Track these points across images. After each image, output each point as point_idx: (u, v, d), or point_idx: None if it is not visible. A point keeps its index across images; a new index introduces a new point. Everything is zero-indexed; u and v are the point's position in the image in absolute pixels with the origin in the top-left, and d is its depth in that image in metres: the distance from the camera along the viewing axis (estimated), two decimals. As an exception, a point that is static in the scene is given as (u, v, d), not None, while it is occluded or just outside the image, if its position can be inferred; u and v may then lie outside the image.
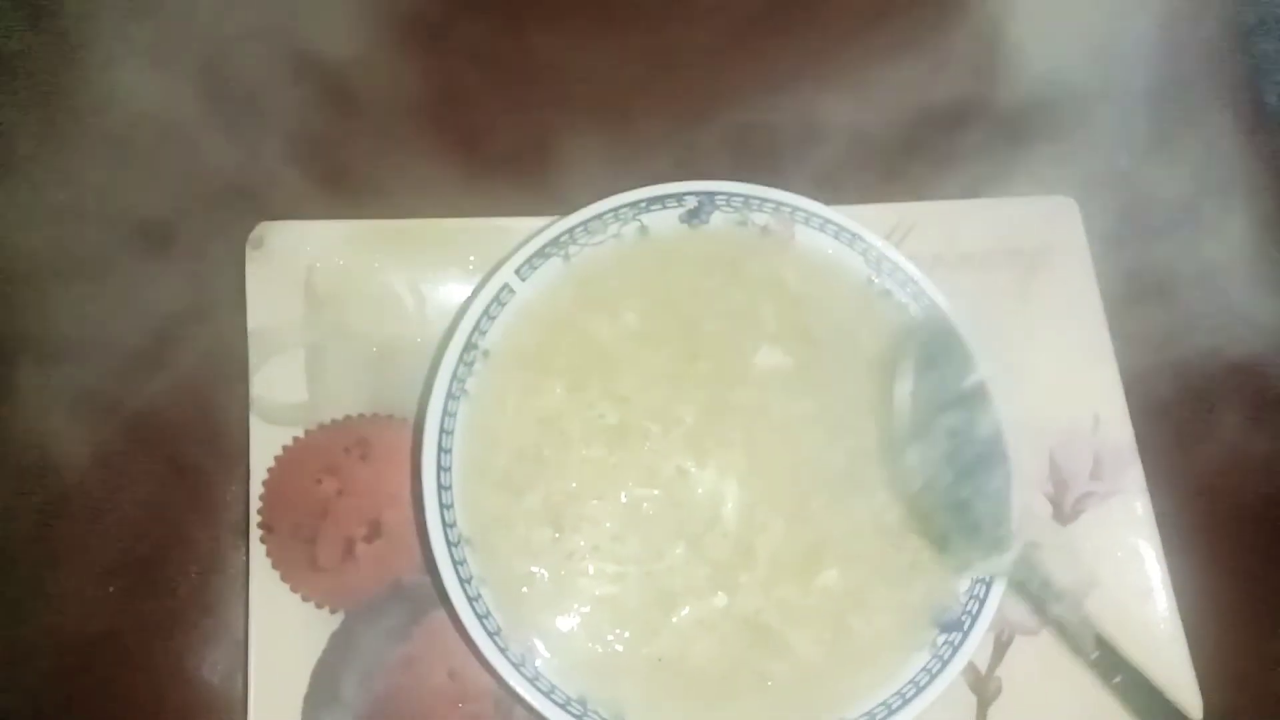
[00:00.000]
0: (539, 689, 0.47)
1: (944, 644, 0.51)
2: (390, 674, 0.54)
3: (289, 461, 0.56)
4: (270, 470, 0.55)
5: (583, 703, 0.48)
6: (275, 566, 0.54)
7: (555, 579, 0.50)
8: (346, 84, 0.63)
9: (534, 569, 0.50)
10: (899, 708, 0.49)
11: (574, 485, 0.51)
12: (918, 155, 0.63)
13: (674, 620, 0.50)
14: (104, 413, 0.57)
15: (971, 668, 0.56)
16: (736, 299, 0.55)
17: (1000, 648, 0.57)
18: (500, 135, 0.63)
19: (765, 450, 0.53)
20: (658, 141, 0.61)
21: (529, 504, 0.51)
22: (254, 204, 0.59)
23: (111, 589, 0.55)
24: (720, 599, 0.50)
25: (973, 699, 0.56)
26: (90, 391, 0.57)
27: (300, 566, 0.54)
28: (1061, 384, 0.61)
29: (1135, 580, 0.59)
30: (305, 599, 0.54)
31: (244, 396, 0.56)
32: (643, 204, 0.56)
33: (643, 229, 0.56)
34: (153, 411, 0.57)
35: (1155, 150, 0.67)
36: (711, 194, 0.56)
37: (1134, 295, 0.63)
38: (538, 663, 0.48)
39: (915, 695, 0.49)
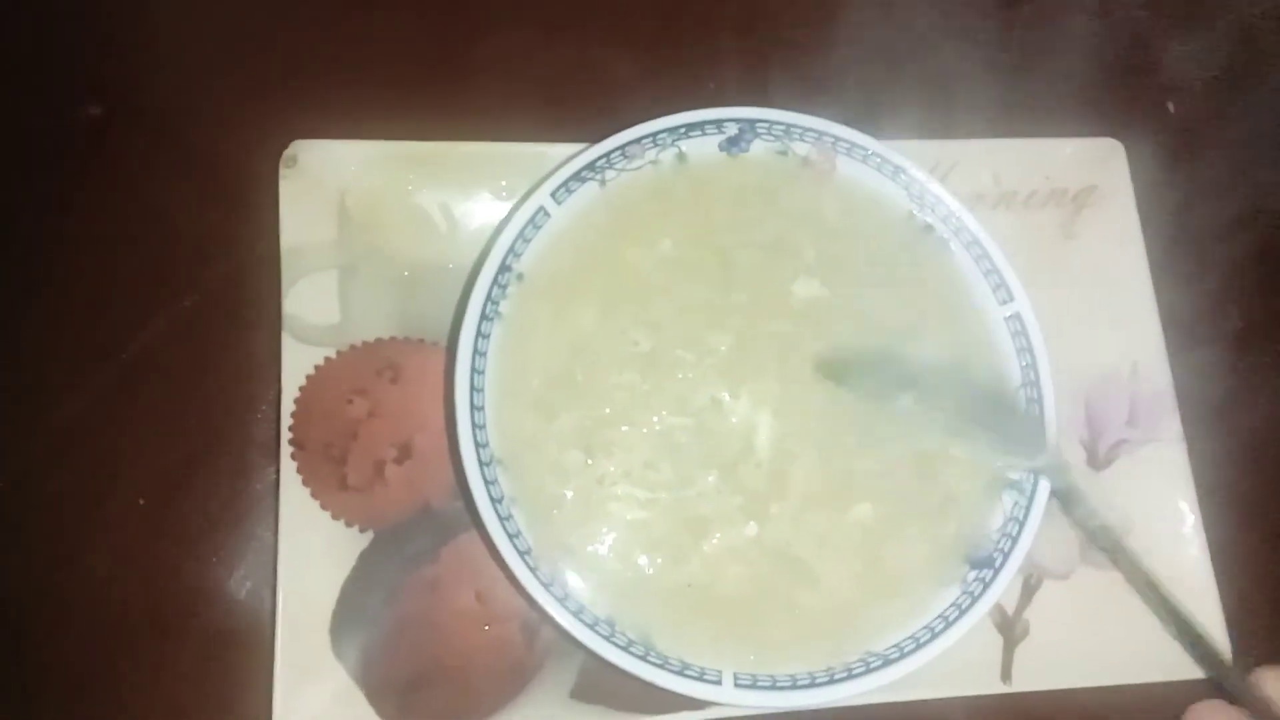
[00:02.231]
0: (567, 608, 0.47)
1: (974, 580, 0.51)
2: (417, 594, 0.54)
3: (320, 381, 0.56)
4: (302, 389, 0.55)
5: (610, 623, 0.48)
6: (305, 484, 0.54)
7: (585, 502, 0.50)
8: (381, 5, 0.62)
9: (564, 491, 0.50)
10: (927, 641, 0.49)
11: (607, 410, 0.51)
12: (964, 91, 0.62)
13: (704, 547, 0.49)
14: (134, 327, 0.57)
15: (999, 609, 0.56)
16: (774, 229, 0.54)
17: (1029, 590, 0.57)
18: (538, 59, 0.62)
19: (800, 381, 0.52)
20: (698, 68, 0.60)
21: (561, 427, 0.50)
22: (288, 121, 0.58)
23: (142, 501, 0.55)
24: (751, 528, 0.50)
25: (999, 639, 0.55)
26: (122, 305, 0.57)
27: (330, 485, 0.55)
28: (1100, 329, 0.61)
29: (1168, 527, 0.58)
30: (335, 517, 0.54)
31: (277, 316, 0.56)
32: (681, 129, 0.54)
33: (681, 155, 0.55)
34: (185, 327, 0.57)
35: (1205, 95, 0.65)
36: (753, 121, 0.55)
37: (1179, 242, 0.62)
38: (567, 583, 0.48)
39: (944, 630, 0.49)
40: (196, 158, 0.60)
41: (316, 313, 0.57)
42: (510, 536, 0.48)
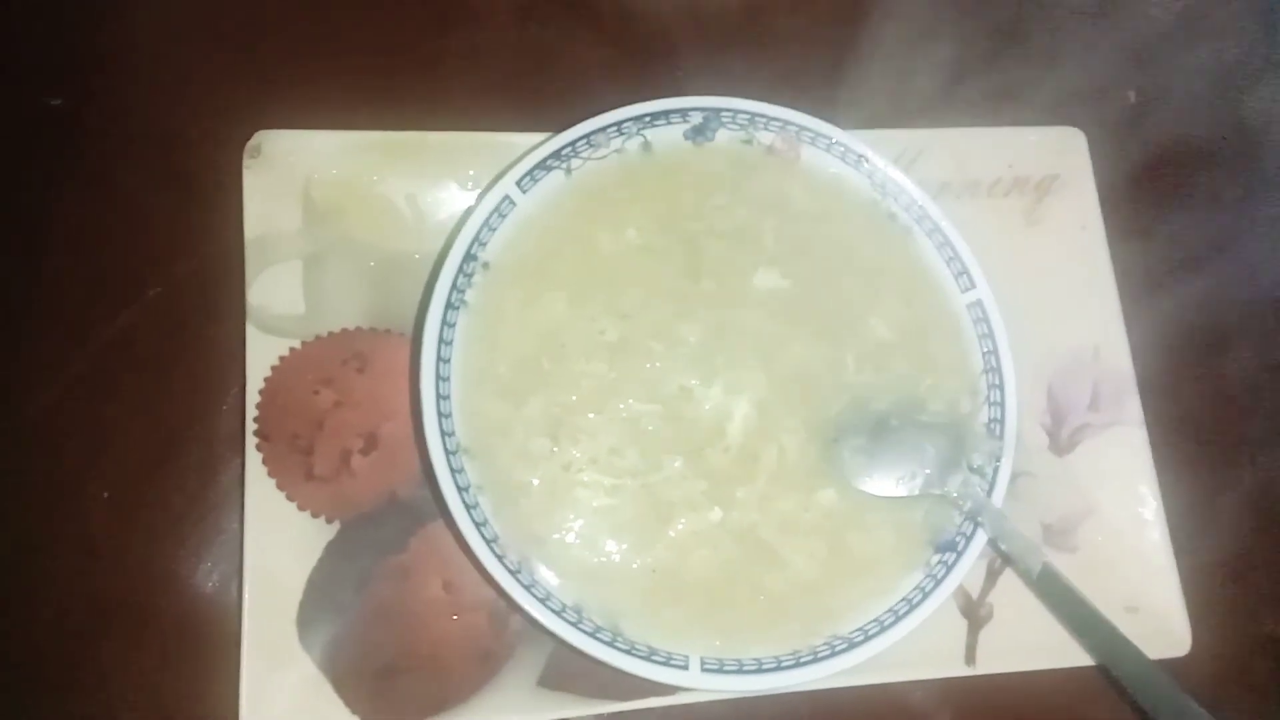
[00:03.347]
0: (534, 595, 0.47)
1: (938, 564, 0.51)
2: (385, 584, 0.54)
3: (286, 372, 0.56)
4: (267, 380, 0.55)
5: (578, 610, 0.48)
6: (271, 475, 0.54)
7: (552, 489, 0.50)
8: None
9: (531, 479, 0.50)
10: (891, 624, 0.49)
11: (573, 398, 0.51)
12: (928, 81, 0.62)
13: (670, 533, 0.50)
14: (99, 320, 0.57)
15: (963, 592, 0.56)
16: (740, 217, 0.55)
17: (992, 575, 0.58)
18: (504, 49, 0.62)
19: (770, 369, 0.53)
20: (664, 57, 0.60)
21: (528, 413, 0.51)
22: (253, 112, 0.57)
23: (106, 494, 0.55)
24: (716, 513, 0.50)
25: (964, 623, 0.56)
26: (86, 297, 0.57)
27: (296, 476, 0.54)
28: (1063, 314, 0.61)
29: (1130, 511, 0.59)
30: (301, 508, 0.54)
31: (242, 308, 0.55)
32: (646, 119, 0.55)
33: (646, 144, 0.55)
34: (149, 319, 0.57)
35: (1166, 83, 0.66)
36: (717, 110, 0.55)
37: (1138, 229, 0.63)
38: (534, 570, 0.48)
39: (908, 612, 0.50)
40: (160, 148, 0.59)
41: (281, 303, 0.56)
42: (477, 525, 0.48)
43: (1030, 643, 0.56)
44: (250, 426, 0.54)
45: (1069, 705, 0.55)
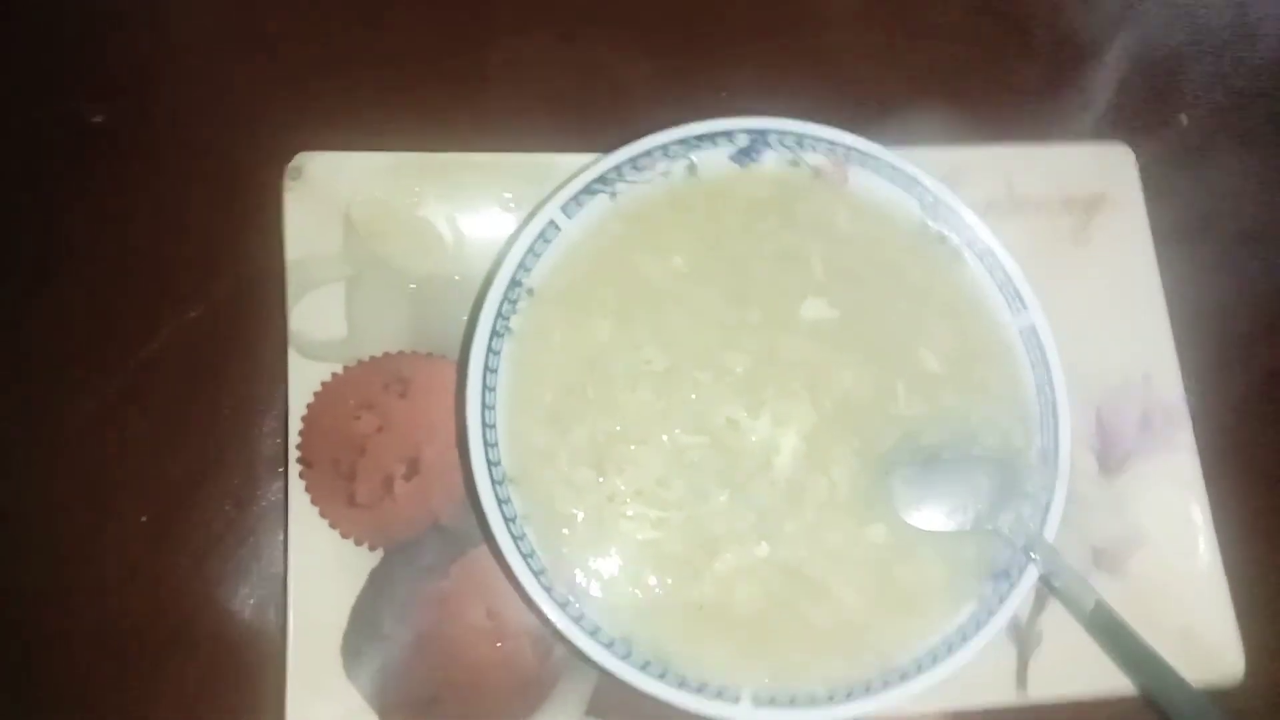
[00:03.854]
0: (583, 629, 0.47)
1: (991, 594, 0.50)
2: (429, 611, 0.54)
3: (327, 397, 0.55)
4: (309, 405, 0.55)
5: (627, 643, 0.47)
6: (314, 503, 0.53)
7: (596, 521, 0.49)
8: (388, 13, 0.61)
9: (576, 510, 0.49)
10: (945, 656, 0.49)
11: (618, 428, 0.51)
12: (974, 99, 0.61)
13: (716, 566, 0.49)
14: (139, 339, 0.56)
15: (1013, 618, 0.55)
16: (786, 242, 0.54)
17: (1041, 599, 0.57)
18: (546, 68, 0.62)
19: (819, 400, 0.52)
20: (709, 75, 0.59)
21: (573, 442, 0.50)
22: (293, 133, 0.57)
23: (144, 518, 0.54)
24: (763, 548, 0.49)
25: (1013, 649, 0.55)
26: (126, 317, 0.56)
27: (339, 503, 0.54)
28: (1113, 337, 0.60)
29: (1180, 537, 0.58)
30: (344, 535, 0.54)
31: (282, 330, 0.55)
32: (692, 140, 0.54)
33: (692, 167, 0.54)
34: (190, 343, 0.56)
35: (1215, 101, 0.64)
36: (764, 131, 0.55)
37: (1190, 250, 0.62)
38: (582, 603, 0.48)
39: (962, 644, 0.49)
40: (202, 169, 0.59)
41: (323, 327, 0.56)
42: (524, 556, 0.47)
43: (1082, 668, 0.54)
44: (293, 453, 0.54)
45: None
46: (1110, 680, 0.54)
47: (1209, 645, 0.56)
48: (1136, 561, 0.58)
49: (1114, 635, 0.50)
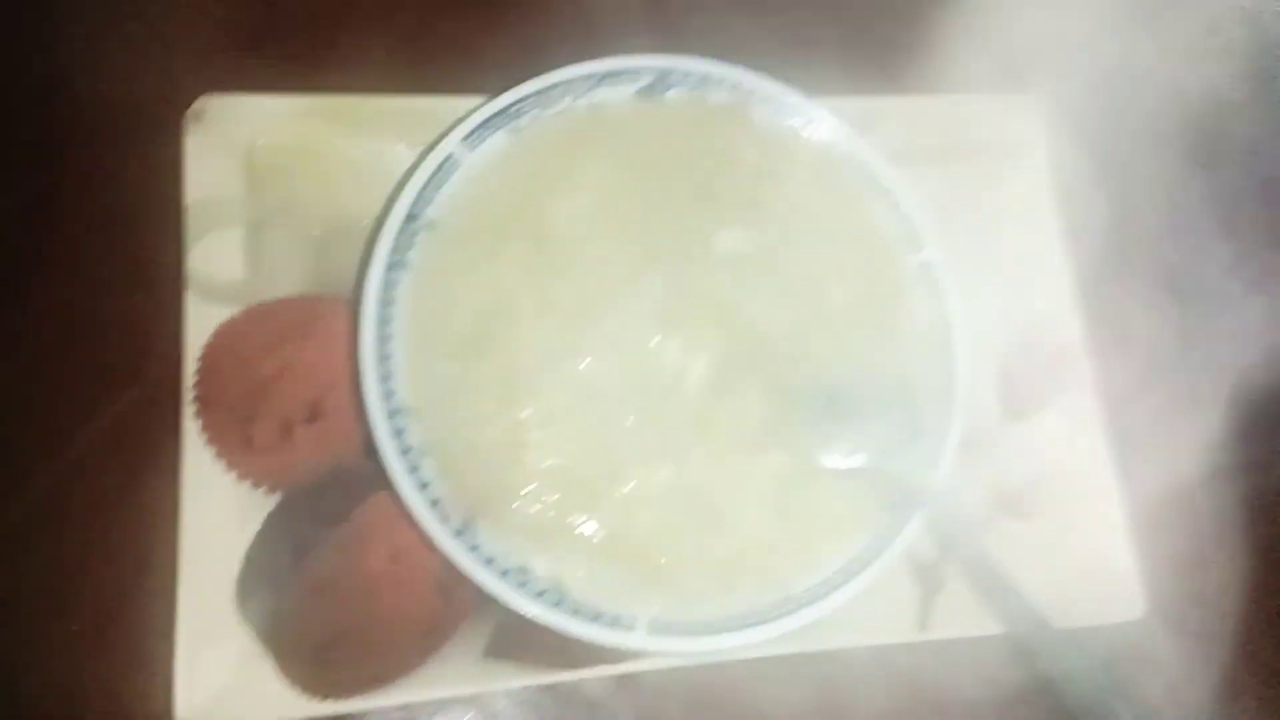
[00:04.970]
0: (478, 558, 0.46)
1: (887, 525, 0.51)
2: (328, 555, 0.53)
3: (225, 339, 0.54)
4: (206, 347, 0.54)
5: (523, 573, 0.47)
6: (209, 444, 0.52)
7: (502, 449, 0.49)
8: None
9: (480, 439, 0.49)
10: (841, 583, 0.49)
11: (526, 357, 0.50)
12: (882, 48, 0.62)
13: (620, 491, 0.49)
14: (32, 279, 0.55)
15: (916, 558, 0.56)
16: (694, 176, 0.54)
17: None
18: (451, 11, 0.61)
19: (730, 329, 0.52)
20: (613, 17, 0.59)
21: (480, 373, 0.49)
22: (194, 76, 0.56)
23: (38, 459, 0.53)
24: (667, 471, 0.49)
25: (917, 589, 0.56)
26: (19, 258, 0.55)
27: (236, 446, 0.53)
28: (1015, 286, 0.61)
29: (1084, 476, 0.59)
30: (241, 478, 0.53)
31: (179, 274, 0.54)
32: (597, 77, 0.54)
33: (596, 104, 0.54)
34: (83, 285, 0.55)
35: (1123, 52, 0.66)
36: (668, 70, 0.55)
37: (1090, 197, 0.63)
38: (478, 533, 0.47)
39: (858, 572, 0.49)
40: (100, 114, 0.58)
41: (222, 269, 0.55)
42: (420, 486, 0.47)
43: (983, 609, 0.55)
44: (189, 395, 0.53)
45: (1021, 665, 0.54)
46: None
47: (1111, 584, 0.57)
48: (1041, 503, 0.59)
49: (988, 578, 0.51)
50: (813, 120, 0.56)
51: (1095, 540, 0.58)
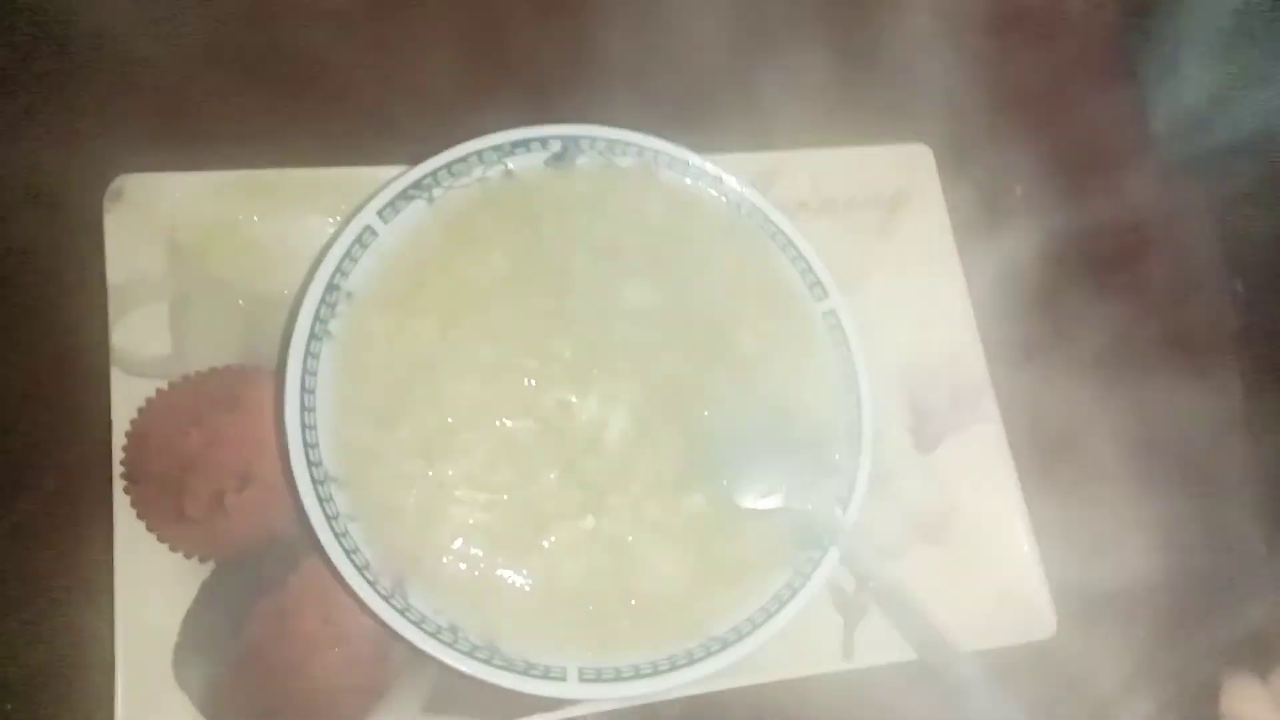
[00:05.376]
0: (409, 619, 0.47)
1: (805, 561, 0.53)
2: (263, 622, 0.53)
3: (153, 413, 0.55)
4: (133, 422, 0.54)
5: (454, 631, 0.48)
6: (140, 517, 0.53)
7: (426, 510, 0.50)
8: (203, 34, 0.62)
9: (405, 501, 0.50)
10: (764, 621, 0.51)
11: (448, 419, 0.52)
12: (781, 104, 0.65)
13: (544, 544, 0.50)
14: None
15: (838, 590, 0.58)
16: (603, 234, 0.56)
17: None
18: (366, 83, 0.63)
19: (645, 379, 0.54)
20: (521, 83, 0.62)
21: (400, 436, 0.51)
22: (112, 156, 0.57)
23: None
24: (588, 521, 0.51)
25: (840, 619, 0.58)
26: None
27: (167, 518, 0.53)
28: (920, 323, 0.64)
29: (992, 504, 0.62)
30: (173, 549, 0.53)
31: (105, 350, 0.55)
32: (507, 147, 0.56)
33: (508, 172, 0.57)
34: (11, 361, 0.56)
35: (1010, 96, 0.70)
36: (575, 138, 0.57)
37: (987, 237, 0.67)
38: (407, 595, 0.48)
39: (778, 610, 0.51)
40: (19, 193, 0.58)
41: (147, 344, 0.56)
42: (347, 553, 0.48)
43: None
44: (118, 470, 0.53)
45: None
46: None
47: (1023, 605, 0.60)
48: (954, 530, 0.62)
49: (899, 607, 0.54)
50: (717, 179, 0.59)
51: (1008, 564, 0.61)
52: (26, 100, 0.60)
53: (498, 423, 0.52)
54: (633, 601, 0.50)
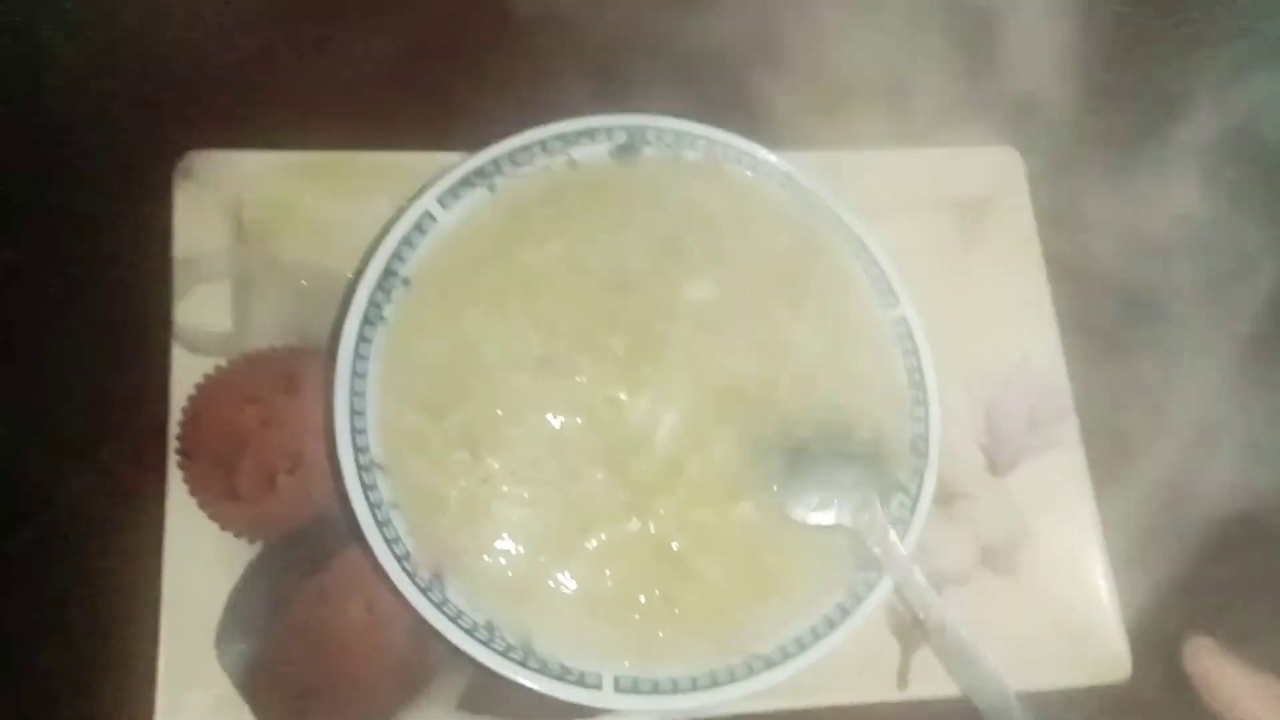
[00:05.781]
0: (445, 614, 0.47)
1: (861, 583, 0.50)
2: (306, 604, 0.53)
3: (211, 390, 0.55)
4: (191, 398, 0.55)
5: (490, 628, 0.47)
6: (192, 494, 0.53)
7: (469, 503, 0.49)
8: (277, 16, 0.62)
9: (448, 493, 0.49)
10: (811, 644, 0.49)
11: (496, 411, 0.51)
12: (862, 102, 0.62)
13: (587, 545, 0.49)
14: (28, 332, 0.57)
15: (897, 614, 0.55)
16: (665, 230, 0.55)
17: (929, 594, 0.57)
18: (436, 68, 0.63)
19: (700, 381, 0.52)
20: (591, 73, 0.60)
21: (447, 426, 0.50)
22: (183, 132, 0.58)
23: (28, 507, 0.54)
24: (634, 524, 0.49)
25: (896, 645, 0.55)
26: (13, 308, 0.57)
27: (219, 495, 0.54)
28: (1000, 336, 0.61)
29: (1067, 536, 0.59)
30: (223, 528, 0.53)
31: (167, 324, 0.55)
32: (571, 136, 0.55)
33: (572, 162, 0.55)
34: (70, 336, 0.56)
35: (1099, 101, 0.66)
36: (642, 129, 0.56)
37: (1075, 248, 0.63)
38: (445, 588, 0.48)
39: (829, 632, 0.49)
40: (90, 170, 0.60)
41: (209, 321, 0.56)
42: (388, 541, 0.47)
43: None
44: (173, 445, 0.54)
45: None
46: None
47: (1096, 643, 0.57)
48: (1023, 560, 0.58)
49: (951, 646, 0.51)
50: (788, 175, 0.56)
51: (1081, 599, 0.57)
52: (99, 77, 0.61)
53: (545, 417, 0.51)
54: (676, 610, 0.49)
